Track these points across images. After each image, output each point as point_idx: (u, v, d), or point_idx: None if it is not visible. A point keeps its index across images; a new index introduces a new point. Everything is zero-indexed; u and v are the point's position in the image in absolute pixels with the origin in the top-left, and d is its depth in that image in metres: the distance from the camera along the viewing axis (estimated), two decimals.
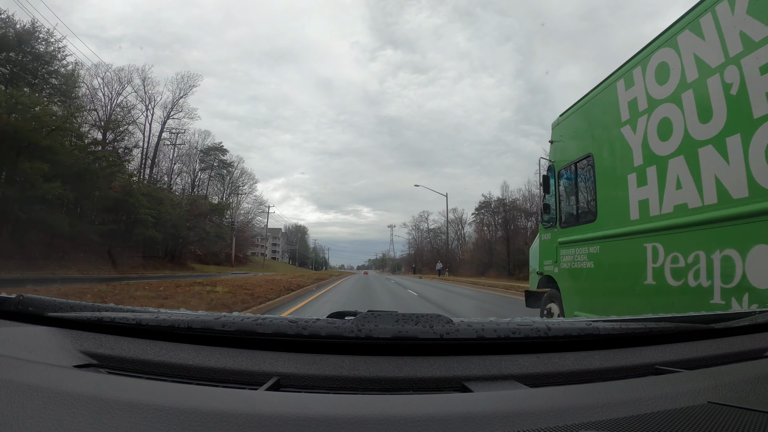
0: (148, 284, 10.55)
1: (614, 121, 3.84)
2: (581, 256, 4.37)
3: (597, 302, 4.15)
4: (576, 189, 4.74)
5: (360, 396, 0.68)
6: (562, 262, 4.77)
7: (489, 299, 13.81)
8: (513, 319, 0.93)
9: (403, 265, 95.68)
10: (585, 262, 4.29)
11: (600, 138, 4.23)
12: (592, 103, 4.39)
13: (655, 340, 0.97)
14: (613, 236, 3.86)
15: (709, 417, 0.56)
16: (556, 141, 5.18)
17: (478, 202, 52.39)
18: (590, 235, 4.21)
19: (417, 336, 0.80)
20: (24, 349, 0.76)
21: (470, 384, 0.72)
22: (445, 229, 55.33)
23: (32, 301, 0.94)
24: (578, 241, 4.42)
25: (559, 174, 5.04)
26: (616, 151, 3.90)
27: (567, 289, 4.70)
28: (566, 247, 4.70)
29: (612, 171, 3.96)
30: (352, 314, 0.89)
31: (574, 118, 4.77)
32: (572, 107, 4.80)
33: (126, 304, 1.12)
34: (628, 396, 0.65)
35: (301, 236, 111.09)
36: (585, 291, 4.37)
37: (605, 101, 4.06)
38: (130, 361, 0.76)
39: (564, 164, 4.92)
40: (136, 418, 0.52)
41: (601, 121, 4.20)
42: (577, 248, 4.46)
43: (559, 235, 4.94)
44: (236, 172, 56.13)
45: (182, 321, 0.84)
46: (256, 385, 0.70)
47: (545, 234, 5.36)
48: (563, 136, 5.04)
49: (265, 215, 64.86)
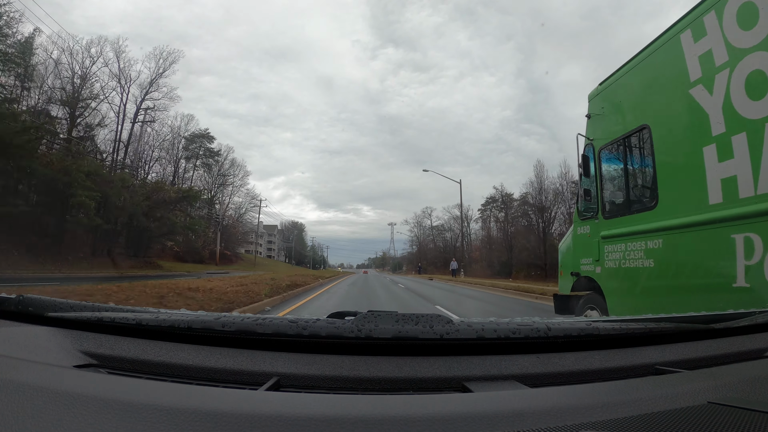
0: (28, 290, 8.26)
1: (679, 81, 3.18)
2: (635, 252, 3.62)
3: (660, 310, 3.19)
4: (625, 170, 3.94)
5: (360, 396, 0.68)
6: (607, 260, 3.98)
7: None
8: (513, 319, 0.93)
9: (404, 264, 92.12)
10: (641, 260, 3.54)
11: (659, 104, 3.51)
12: (645, 65, 3.66)
13: (655, 340, 0.97)
14: (683, 226, 3.13)
15: (709, 417, 0.56)
16: (595, 115, 4.34)
17: (484, 198, 49.44)
18: (648, 226, 3.48)
19: (417, 336, 0.80)
20: (24, 349, 0.76)
21: (470, 384, 0.72)
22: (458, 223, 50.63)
23: (32, 301, 0.94)
24: (630, 234, 3.69)
25: (601, 153, 4.22)
26: (683, 119, 3.23)
27: (614, 293, 3.95)
28: (613, 241, 3.92)
29: (679, 144, 3.26)
30: (352, 314, 0.89)
31: (620, 84, 3.98)
32: (617, 72, 4.04)
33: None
34: (628, 396, 0.65)
35: (297, 233, 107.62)
36: (641, 296, 3.61)
37: (665, 59, 3.39)
38: (130, 361, 0.76)
39: (607, 141, 4.11)
40: (136, 418, 0.52)
41: (660, 83, 3.51)
42: (628, 243, 3.70)
43: (601, 227, 4.12)
44: (226, 162, 51.60)
45: (182, 321, 0.84)
46: (256, 385, 0.70)
47: (582, 227, 4.54)
48: (605, 108, 4.21)
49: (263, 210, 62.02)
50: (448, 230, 63.07)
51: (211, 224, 47.49)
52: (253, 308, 8.23)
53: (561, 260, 5.18)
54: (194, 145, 47.15)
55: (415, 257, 74.32)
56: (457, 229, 59.05)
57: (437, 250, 64.52)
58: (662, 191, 3.38)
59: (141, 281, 10.58)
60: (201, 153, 48.41)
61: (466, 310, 11.95)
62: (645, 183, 3.78)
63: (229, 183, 53.35)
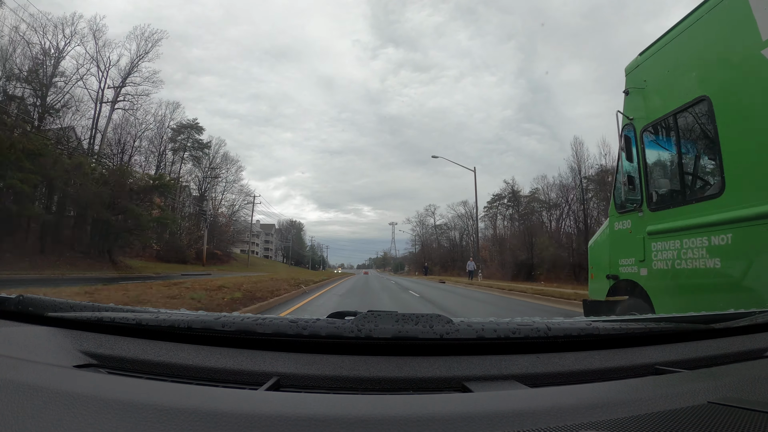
0: None
1: (748, 42, 2.75)
2: (695, 250, 3.08)
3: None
4: (678, 152, 3.39)
5: (360, 396, 0.68)
6: (656, 260, 3.42)
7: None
8: (513, 319, 0.93)
9: (406, 264, 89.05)
10: (702, 260, 3.02)
11: (721, 71, 3.02)
12: (699, 27, 3.18)
13: (655, 340, 0.97)
14: (760, 217, 2.65)
15: (709, 417, 0.56)
16: (636, 89, 3.77)
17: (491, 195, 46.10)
18: (712, 218, 2.97)
19: (417, 336, 0.80)
20: (24, 349, 0.76)
21: (470, 384, 0.72)
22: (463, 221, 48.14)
23: (32, 301, 0.94)
24: (687, 229, 3.16)
25: (644, 134, 3.66)
26: (755, 86, 2.75)
27: (665, 298, 3.39)
28: (663, 237, 3.37)
29: (750, 116, 2.78)
30: (352, 314, 0.89)
31: (668, 52, 3.47)
32: (662, 39, 3.54)
33: None
34: (628, 396, 0.65)
35: (296, 233, 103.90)
36: (701, 301, 3.07)
37: (726, 17, 2.96)
38: (130, 361, 0.76)
39: (652, 119, 3.57)
40: (136, 418, 0.52)
41: (722, 46, 3.04)
42: (684, 239, 3.16)
43: (648, 221, 3.55)
44: (217, 156, 47.24)
45: (182, 321, 0.84)
46: (256, 385, 0.70)
47: (621, 221, 3.95)
48: (648, 81, 3.66)
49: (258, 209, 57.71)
50: (452, 228, 60.63)
51: (200, 221, 43.89)
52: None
53: (592, 260, 4.59)
54: (182, 137, 43.19)
55: (417, 257, 71.34)
56: (463, 227, 55.97)
57: (442, 249, 61.35)
58: (729, 175, 2.87)
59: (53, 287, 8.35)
60: (189, 145, 44.18)
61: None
62: (705, 167, 3.23)
63: (221, 178, 49.51)
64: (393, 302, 13.23)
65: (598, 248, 4.44)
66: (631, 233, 3.75)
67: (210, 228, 44.93)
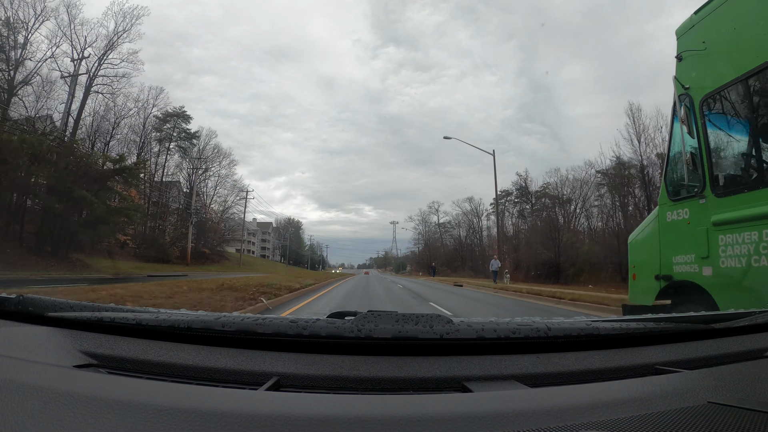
0: None
1: None
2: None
3: None
4: (754, 125, 2.90)
5: (360, 396, 0.68)
6: (724, 256, 2.90)
7: None
8: (513, 319, 0.93)
9: (408, 264, 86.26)
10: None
11: None
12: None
13: (655, 340, 0.97)
14: None
15: (709, 417, 0.56)
16: (692, 54, 3.27)
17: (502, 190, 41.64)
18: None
19: (417, 336, 0.80)
20: (24, 349, 0.77)
21: (470, 384, 0.72)
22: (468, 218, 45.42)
23: (32, 301, 0.94)
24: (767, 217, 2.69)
25: (704, 105, 3.14)
26: None
27: (737, 303, 2.76)
28: (733, 228, 2.85)
29: None
30: (352, 314, 0.89)
31: (733, 7, 3.00)
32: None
33: None
34: (628, 396, 0.65)
35: (294, 231, 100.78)
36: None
37: None
38: (130, 361, 0.76)
39: (716, 87, 3.08)
40: (136, 418, 0.52)
41: None
42: (765, 230, 2.66)
43: (712, 209, 3.01)
44: (207, 148, 43.42)
45: (182, 321, 0.84)
46: (256, 385, 0.70)
47: (675, 210, 3.36)
48: (708, 43, 3.17)
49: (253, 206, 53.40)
50: (457, 226, 58.58)
51: (186, 217, 40.49)
52: None
53: (633, 259, 4.01)
54: (168, 126, 39.62)
55: (420, 256, 68.67)
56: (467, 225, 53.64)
57: (447, 248, 58.60)
58: None
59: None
60: (175, 135, 40.69)
61: None
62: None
63: (212, 172, 45.44)
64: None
65: (643, 244, 3.83)
66: (690, 224, 3.20)
67: (198, 225, 42.08)
